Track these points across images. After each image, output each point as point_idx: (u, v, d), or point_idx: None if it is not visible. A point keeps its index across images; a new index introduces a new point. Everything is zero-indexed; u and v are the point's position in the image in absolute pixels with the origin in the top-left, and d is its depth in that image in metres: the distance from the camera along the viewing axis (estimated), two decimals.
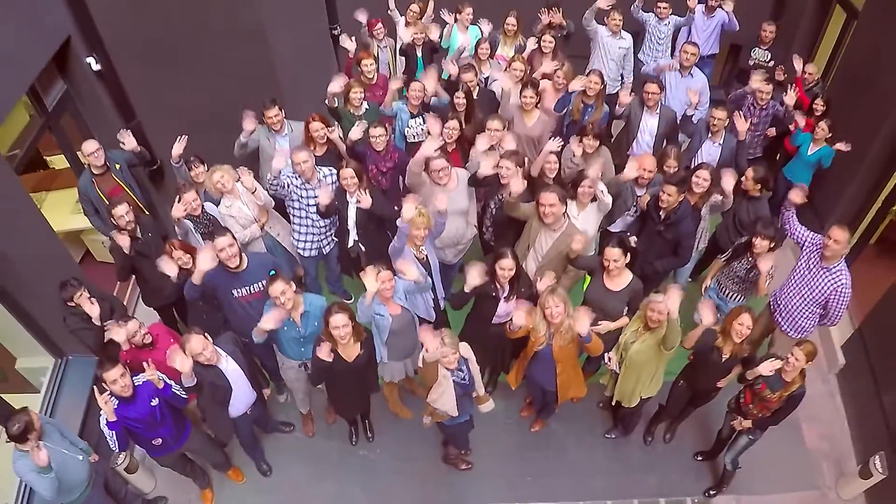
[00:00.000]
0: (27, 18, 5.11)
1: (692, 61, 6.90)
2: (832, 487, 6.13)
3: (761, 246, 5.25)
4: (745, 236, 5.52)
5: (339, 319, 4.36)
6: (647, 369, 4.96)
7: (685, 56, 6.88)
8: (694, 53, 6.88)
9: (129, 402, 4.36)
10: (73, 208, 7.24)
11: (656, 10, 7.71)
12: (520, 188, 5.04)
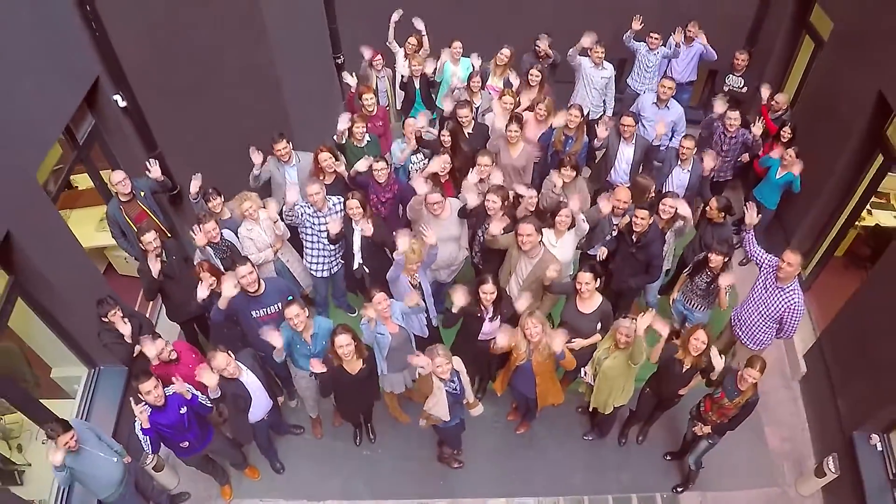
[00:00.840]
0: (61, 62, 5.65)
1: (669, 94, 7.45)
2: (792, 485, 6.72)
3: (716, 261, 5.88)
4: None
5: (342, 339, 4.99)
6: (619, 382, 5.59)
7: (662, 90, 7.44)
8: (671, 87, 7.44)
9: (160, 410, 4.98)
10: (96, 226, 7.77)
11: (647, 40, 8.24)
12: (498, 230, 5.68)
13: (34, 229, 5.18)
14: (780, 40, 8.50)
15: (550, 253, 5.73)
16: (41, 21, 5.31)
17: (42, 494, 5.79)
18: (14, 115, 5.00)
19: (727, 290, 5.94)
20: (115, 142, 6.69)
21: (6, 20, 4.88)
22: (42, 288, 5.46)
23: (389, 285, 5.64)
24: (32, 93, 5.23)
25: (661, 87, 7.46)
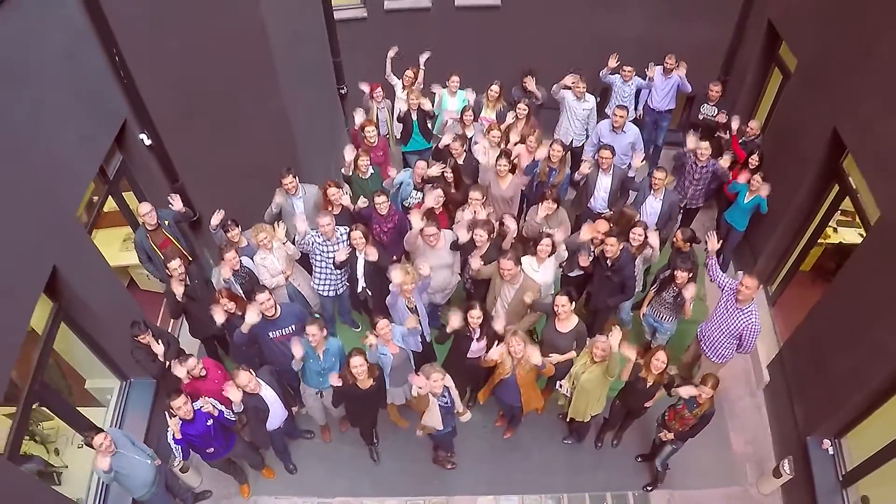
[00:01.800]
0: (94, 107, 6.31)
1: (622, 122, 8.15)
2: (753, 484, 7.40)
3: (681, 277, 6.59)
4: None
5: (356, 361, 5.73)
6: (595, 393, 6.30)
7: (615, 118, 8.15)
8: (622, 115, 8.15)
9: (190, 422, 5.72)
10: (120, 246, 8.46)
11: (621, 73, 8.94)
12: (477, 265, 6.42)
13: (75, 261, 5.89)
14: (751, 71, 9.09)
15: (530, 278, 6.43)
16: (75, 70, 5.96)
17: (78, 494, 6.44)
18: (56, 159, 5.68)
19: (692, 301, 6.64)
20: (140, 175, 7.38)
21: (45, 71, 5.52)
22: (82, 312, 6.17)
23: (389, 308, 6.36)
24: (70, 137, 5.92)
25: (614, 116, 8.17)
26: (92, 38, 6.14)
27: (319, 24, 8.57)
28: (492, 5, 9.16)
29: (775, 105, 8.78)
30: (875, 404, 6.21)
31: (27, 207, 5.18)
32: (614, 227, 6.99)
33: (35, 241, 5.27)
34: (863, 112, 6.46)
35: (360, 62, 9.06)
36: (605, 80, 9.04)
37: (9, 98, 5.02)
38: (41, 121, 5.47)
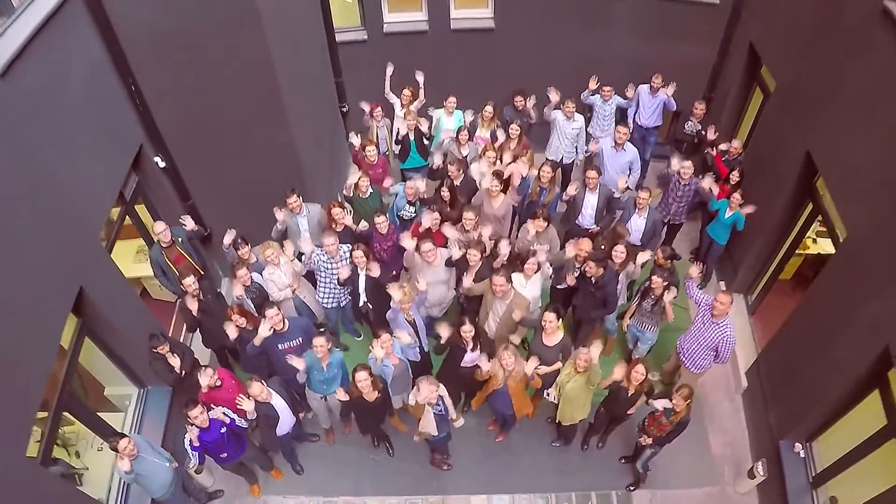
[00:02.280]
0: (112, 134, 6.77)
1: (624, 139, 8.61)
2: (731, 484, 7.88)
3: (657, 283, 7.10)
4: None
5: (361, 376, 6.21)
6: (579, 400, 6.79)
7: (618, 135, 8.60)
8: (625, 133, 8.61)
9: (205, 430, 6.21)
10: (133, 257, 8.94)
11: (601, 93, 9.36)
12: (468, 284, 6.91)
13: (99, 281, 6.35)
14: (734, 89, 9.52)
15: (520, 294, 6.91)
16: (97, 103, 6.42)
17: (99, 495, 6.90)
18: (79, 186, 6.14)
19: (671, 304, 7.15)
20: (155, 195, 7.85)
21: (70, 107, 5.98)
22: (103, 327, 6.64)
23: (390, 323, 6.85)
24: (93, 166, 6.40)
25: (617, 133, 8.64)
26: (110, 72, 6.60)
27: (322, 47, 9.03)
28: (486, 28, 9.60)
29: (756, 123, 9.19)
30: (839, 413, 6.68)
31: (58, 235, 5.66)
32: (605, 242, 7.47)
33: (64, 265, 5.75)
34: (832, 138, 6.92)
35: (360, 82, 9.52)
36: (587, 101, 9.46)
37: (41, 137, 5.49)
38: (68, 155, 5.95)
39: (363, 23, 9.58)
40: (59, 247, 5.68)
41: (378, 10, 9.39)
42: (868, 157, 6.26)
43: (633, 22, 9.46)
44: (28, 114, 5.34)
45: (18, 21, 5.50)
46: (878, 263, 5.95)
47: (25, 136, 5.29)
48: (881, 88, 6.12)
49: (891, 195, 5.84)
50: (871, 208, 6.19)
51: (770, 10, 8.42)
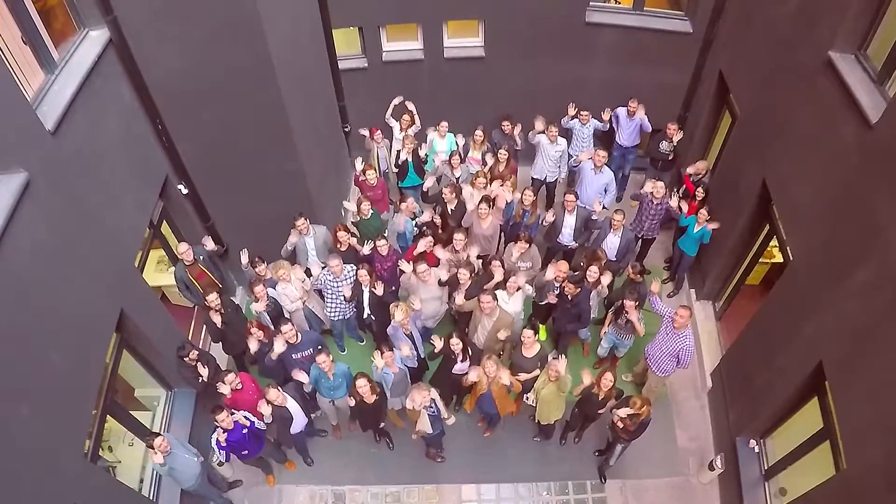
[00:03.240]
0: (143, 168, 7.63)
1: (602, 161, 9.45)
2: (695, 475, 8.82)
3: (629, 306, 7.98)
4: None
5: (361, 382, 7.17)
6: (553, 403, 7.75)
7: (597, 158, 9.44)
8: (604, 156, 9.46)
9: (230, 431, 7.16)
10: (155, 267, 9.85)
11: (579, 116, 10.14)
12: (461, 301, 7.79)
13: (136, 301, 7.26)
14: (705, 112, 10.26)
15: (505, 311, 7.83)
16: (127, 142, 7.23)
17: (131, 486, 7.73)
18: (117, 220, 7.03)
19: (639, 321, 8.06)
20: (179, 219, 8.74)
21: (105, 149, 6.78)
22: (139, 340, 7.55)
23: (390, 336, 7.78)
24: (129, 201, 7.29)
25: (597, 156, 9.47)
26: (140, 115, 7.45)
27: (326, 74, 9.85)
28: (476, 56, 10.33)
29: (725, 144, 10.00)
30: (786, 415, 7.59)
31: (102, 266, 6.56)
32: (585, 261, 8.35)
33: (108, 292, 6.66)
34: (782, 171, 7.75)
35: (361, 105, 10.35)
36: (567, 125, 10.22)
37: (86, 184, 6.37)
38: (108, 194, 6.83)
39: (364, 51, 10.33)
40: (103, 277, 6.58)
41: (377, 40, 10.15)
42: (808, 192, 7.12)
43: (612, 50, 10.15)
44: (75, 165, 6.19)
45: (61, 76, 6.37)
46: (814, 288, 6.82)
47: (74, 185, 6.15)
48: (820, 131, 6.93)
49: (823, 230, 6.73)
50: (809, 239, 7.07)
51: (736, 43, 9.18)
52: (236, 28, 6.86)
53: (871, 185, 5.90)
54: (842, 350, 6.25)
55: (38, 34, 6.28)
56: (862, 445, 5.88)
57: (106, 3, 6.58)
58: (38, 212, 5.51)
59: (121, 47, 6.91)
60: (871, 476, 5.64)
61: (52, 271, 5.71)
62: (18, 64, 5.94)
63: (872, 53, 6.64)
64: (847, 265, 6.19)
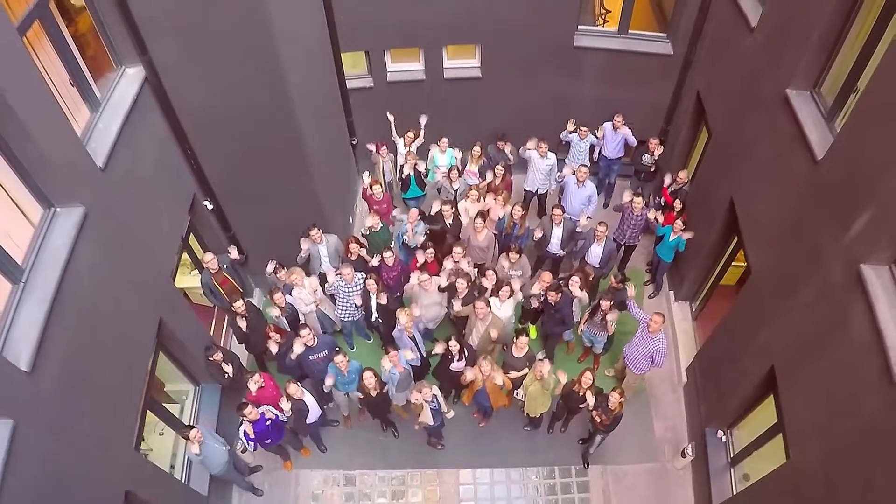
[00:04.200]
0: (175, 188, 8.57)
1: (585, 176, 10.32)
2: (670, 461, 9.80)
3: (605, 306, 8.92)
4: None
5: (367, 375, 8.13)
6: (540, 399, 8.71)
7: (579, 174, 10.31)
8: (586, 172, 10.33)
9: (255, 423, 8.12)
10: (180, 271, 10.77)
11: (578, 132, 11.04)
12: (459, 309, 8.74)
13: (172, 310, 8.19)
14: (684, 128, 11.11)
15: (497, 316, 8.76)
16: (162, 167, 8.16)
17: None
18: (156, 239, 7.97)
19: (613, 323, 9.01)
20: (204, 230, 9.65)
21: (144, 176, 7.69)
22: (173, 343, 8.49)
23: (395, 339, 8.73)
24: (162, 218, 8.20)
25: (579, 172, 10.35)
26: (172, 142, 8.34)
27: (336, 94, 10.70)
28: (474, 77, 11.14)
29: (702, 159, 10.86)
30: (748, 409, 8.52)
31: (145, 280, 7.49)
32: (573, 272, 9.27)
33: (150, 304, 7.61)
34: (746, 191, 8.63)
35: (367, 121, 11.21)
36: (566, 138, 11.14)
37: (131, 211, 7.28)
38: (147, 217, 7.75)
39: (370, 72, 11.15)
40: (145, 290, 7.52)
41: (382, 62, 10.97)
42: (767, 214, 8.02)
43: (599, 70, 10.95)
44: (121, 193, 7.09)
45: (104, 113, 7.25)
46: (768, 299, 7.76)
47: (121, 211, 7.06)
48: (777, 161, 7.81)
49: (777, 249, 7.64)
50: (766, 255, 7.99)
51: (712, 68, 10.00)
52: (259, 69, 7.73)
53: (816, 215, 6.78)
54: (789, 357, 7.21)
55: (84, 76, 7.18)
56: (803, 439, 6.84)
57: (141, 44, 7.43)
58: (94, 239, 6.42)
59: (155, 83, 7.77)
60: (809, 465, 6.61)
61: (105, 290, 6.66)
62: (68, 106, 6.83)
63: (826, 91, 7.48)
64: (795, 282, 7.11)
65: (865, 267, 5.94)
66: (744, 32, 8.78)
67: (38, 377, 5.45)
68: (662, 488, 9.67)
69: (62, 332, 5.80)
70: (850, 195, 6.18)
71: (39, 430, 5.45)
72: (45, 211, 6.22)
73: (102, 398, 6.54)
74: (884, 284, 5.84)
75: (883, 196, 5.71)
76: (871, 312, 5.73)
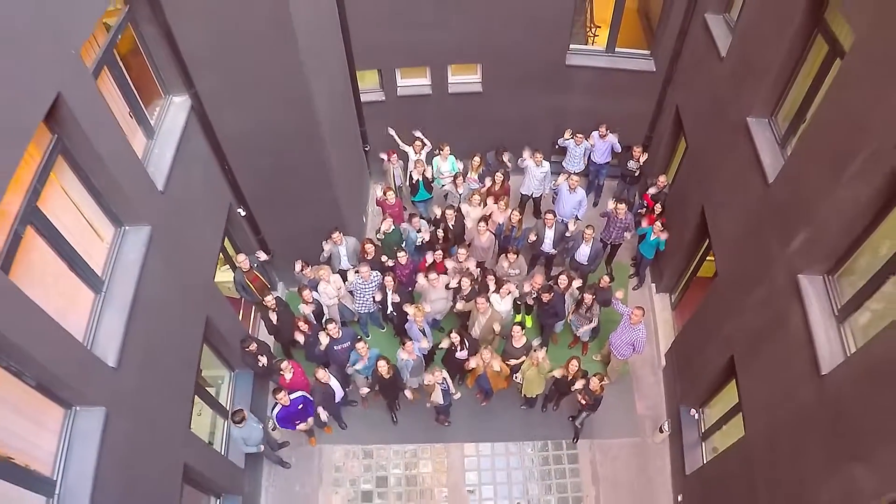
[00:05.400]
0: (215, 203, 9.72)
1: (576, 184, 11.51)
2: (650, 436, 11.14)
3: (588, 299, 10.16)
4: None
5: (382, 363, 9.37)
6: (535, 382, 9.99)
7: (571, 182, 11.51)
8: (577, 180, 11.53)
9: (287, 407, 9.39)
10: None
11: (574, 138, 12.22)
12: (461, 307, 10.02)
13: (215, 308, 9.43)
14: (665, 136, 12.27)
15: (496, 310, 10.02)
16: (205, 184, 9.38)
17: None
18: (201, 246, 9.18)
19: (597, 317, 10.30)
20: (237, 234, 10.86)
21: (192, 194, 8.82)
22: (213, 334, 9.73)
23: (407, 330, 10.00)
24: (206, 225, 9.40)
25: (571, 180, 11.54)
26: (213, 161, 9.50)
27: (352, 108, 11.84)
28: (475, 91, 12.27)
29: (680, 166, 12.03)
30: (715, 391, 9.82)
31: (195, 283, 8.73)
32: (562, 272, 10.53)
33: (198, 303, 8.86)
34: (713, 202, 9.84)
35: (379, 131, 12.36)
36: (563, 144, 12.33)
37: (184, 225, 8.47)
38: (195, 228, 8.96)
39: (382, 87, 12.27)
40: (195, 293, 8.77)
41: (393, 78, 12.09)
42: (729, 224, 9.24)
43: (588, 85, 12.05)
44: (176, 210, 8.26)
45: (158, 140, 8.40)
46: (729, 297, 9.01)
47: (176, 226, 8.24)
48: (738, 178, 8.97)
49: (736, 255, 8.89)
50: (728, 259, 9.23)
51: (688, 87, 11.17)
52: (290, 99, 8.86)
53: (767, 230, 7.99)
54: (745, 348, 8.48)
55: (141, 109, 8.29)
56: (755, 417, 8.13)
57: (189, 79, 8.56)
58: (158, 252, 7.62)
59: (199, 112, 8.91)
60: (758, 438, 7.91)
61: (167, 294, 7.89)
62: (131, 135, 7.97)
63: (781, 118, 8.64)
64: (750, 284, 8.35)
65: (802, 277, 7.18)
66: (715, 59, 9.89)
67: (122, 371, 6.69)
68: (643, 460, 11.00)
69: (138, 333, 7.03)
70: (793, 216, 7.37)
71: (123, 415, 6.69)
72: (116, 230, 7.40)
73: (167, 386, 7.84)
74: (816, 292, 7.10)
75: (818, 220, 6.90)
76: (805, 315, 6.99)
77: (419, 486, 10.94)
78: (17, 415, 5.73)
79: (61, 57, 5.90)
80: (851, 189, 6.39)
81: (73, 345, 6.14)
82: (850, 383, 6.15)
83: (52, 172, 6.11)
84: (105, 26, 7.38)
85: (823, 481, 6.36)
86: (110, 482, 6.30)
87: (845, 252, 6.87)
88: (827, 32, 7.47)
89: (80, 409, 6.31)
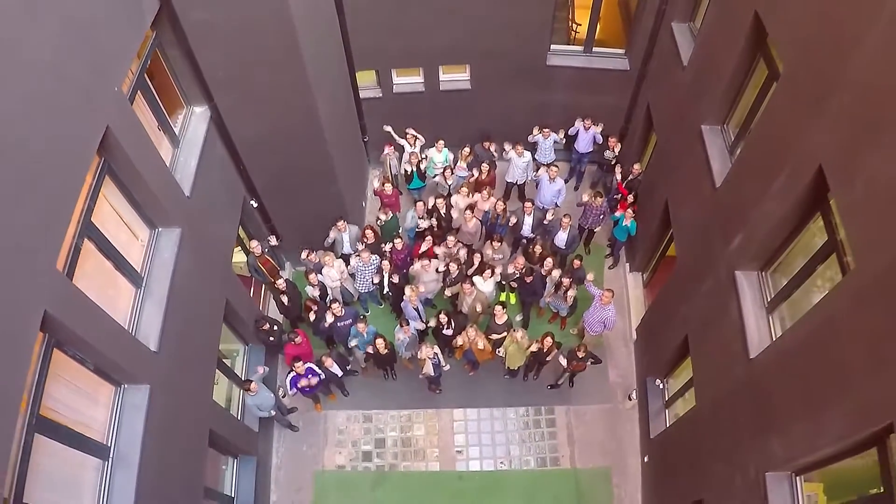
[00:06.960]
0: (231, 198, 10.90)
1: (556, 174, 12.63)
2: (621, 403, 12.46)
3: (566, 283, 11.40)
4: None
5: (380, 341, 10.68)
6: (516, 356, 11.28)
7: (552, 171, 12.62)
8: (556, 170, 12.63)
9: (301, 376, 10.70)
10: None
11: (542, 133, 13.27)
12: (450, 292, 11.27)
13: (232, 290, 10.67)
14: (638, 129, 13.34)
15: (481, 291, 11.28)
16: (224, 183, 10.53)
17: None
18: (221, 233, 10.37)
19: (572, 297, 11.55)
20: (250, 224, 12.05)
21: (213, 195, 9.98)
22: (235, 316, 10.99)
23: (402, 308, 11.28)
24: (224, 218, 10.59)
25: (551, 170, 12.65)
26: (229, 162, 10.64)
27: (352, 104, 12.90)
28: (465, 88, 13.25)
29: (651, 157, 13.09)
30: (675, 364, 11.09)
31: (218, 273, 9.96)
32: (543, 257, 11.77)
33: (219, 288, 10.10)
34: (676, 197, 10.99)
35: (377, 124, 13.42)
36: (533, 139, 13.34)
37: (207, 222, 9.66)
38: (217, 224, 10.16)
39: (379, 84, 13.27)
40: (217, 280, 10.00)
41: (389, 77, 13.11)
42: (687, 218, 10.42)
43: (568, 82, 13.04)
44: (201, 210, 9.44)
45: (182, 148, 9.52)
46: (685, 283, 10.23)
47: (201, 225, 9.43)
48: (693, 179, 10.07)
49: (691, 247, 10.09)
50: (685, 249, 10.43)
51: (657, 87, 12.21)
52: (298, 108, 9.94)
53: (714, 228, 9.14)
54: (696, 329, 9.72)
55: (167, 121, 9.35)
56: (703, 390, 9.41)
57: (208, 93, 9.64)
58: (186, 251, 8.81)
59: (218, 121, 10.02)
60: (704, 409, 9.21)
61: (194, 285, 9.11)
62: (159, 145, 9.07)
63: (731, 126, 9.68)
64: (701, 274, 9.55)
65: (739, 273, 8.38)
66: (678, 66, 10.89)
67: (162, 354, 7.96)
68: (614, 424, 12.30)
69: (173, 320, 8.27)
70: (733, 218, 8.49)
71: (162, 390, 7.95)
72: (150, 231, 8.59)
73: (196, 364, 9.15)
74: (750, 286, 8.28)
75: (751, 223, 8.06)
76: (739, 306, 8.19)
77: (413, 446, 12.24)
78: (77, 394, 6.98)
79: (108, 95, 7.01)
80: (776, 201, 7.49)
81: (123, 334, 7.40)
82: (771, 367, 7.34)
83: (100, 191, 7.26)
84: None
85: (750, 448, 7.55)
86: (152, 447, 7.55)
87: (773, 254, 7.99)
88: (767, 57, 8.43)
89: (128, 386, 7.58)
